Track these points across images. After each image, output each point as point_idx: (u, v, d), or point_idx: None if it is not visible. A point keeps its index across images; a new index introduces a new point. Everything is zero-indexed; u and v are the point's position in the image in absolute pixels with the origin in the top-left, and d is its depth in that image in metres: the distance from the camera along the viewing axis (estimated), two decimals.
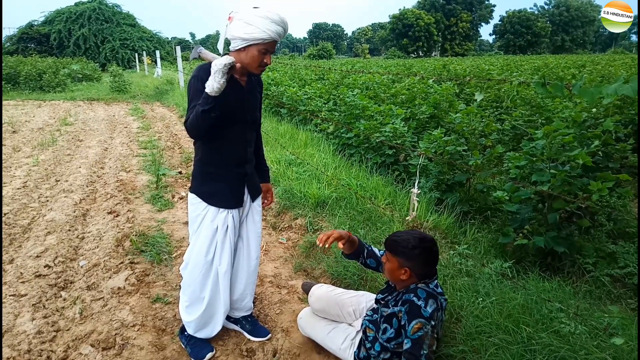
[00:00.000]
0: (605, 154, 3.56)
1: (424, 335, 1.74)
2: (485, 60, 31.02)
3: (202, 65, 1.89)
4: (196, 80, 1.84)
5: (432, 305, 1.80)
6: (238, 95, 1.96)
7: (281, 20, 1.79)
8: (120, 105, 13.04)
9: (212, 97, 1.73)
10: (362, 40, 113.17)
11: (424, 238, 1.89)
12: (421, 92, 7.23)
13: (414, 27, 72.58)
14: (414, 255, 1.85)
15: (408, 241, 1.86)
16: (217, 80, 1.69)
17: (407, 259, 1.86)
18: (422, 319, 1.76)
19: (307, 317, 2.31)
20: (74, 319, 2.54)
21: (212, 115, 1.76)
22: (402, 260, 1.87)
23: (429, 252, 1.88)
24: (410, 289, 1.88)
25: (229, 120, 1.94)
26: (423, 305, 1.79)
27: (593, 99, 1.61)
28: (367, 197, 3.93)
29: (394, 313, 1.87)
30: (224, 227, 2.07)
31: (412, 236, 1.89)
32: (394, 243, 1.90)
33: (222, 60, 1.69)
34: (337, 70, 9.80)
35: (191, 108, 1.83)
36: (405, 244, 1.86)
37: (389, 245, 1.93)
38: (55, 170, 5.70)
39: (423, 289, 1.85)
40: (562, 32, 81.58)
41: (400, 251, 1.87)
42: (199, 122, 1.78)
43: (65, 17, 31.52)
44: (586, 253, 2.95)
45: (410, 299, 1.82)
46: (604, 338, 1.95)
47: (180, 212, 4.22)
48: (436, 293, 1.87)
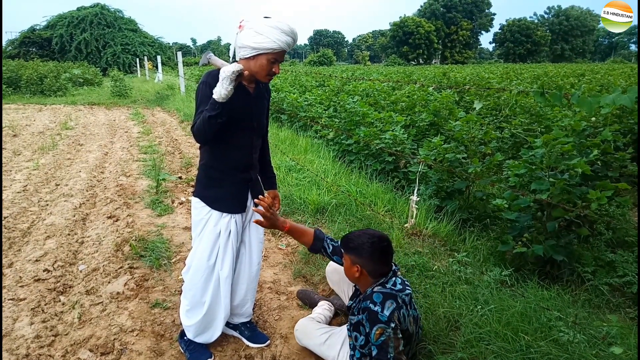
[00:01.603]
0: (604, 162, 3.58)
1: (386, 340, 1.78)
2: (485, 68, 31.15)
3: (211, 72, 1.91)
4: (205, 86, 1.87)
5: (390, 307, 1.83)
6: (245, 101, 1.98)
7: (291, 31, 1.81)
8: (121, 109, 13.07)
9: (219, 103, 1.75)
10: (363, 47, 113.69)
11: (374, 235, 1.94)
12: (421, 100, 7.26)
13: (415, 34, 72.97)
14: (363, 252, 1.90)
15: (359, 237, 1.92)
16: (224, 87, 1.72)
17: (358, 255, 1.91)
18: (380, 324, 1.79)
19: (302, 327, 2.31)
20: (73, 324, 2.53)
21: (218, 121, 1.79)
22: (353, 257, 1.93)
23: (379, 249, 1.91)
24: (367, 295, 1.91)
25: (235, 126, 1.96)
26: (380, 309, 1.82)
27: (591, 109, 1.63)
28: (367, 203, 3.93)
29: (359, 321, 1.90)
30: (226, 232, 2.08)
31: (364, 233, 1.94)
32: (346, 240, 1.95)
33: (230, 68, 1.72)
34: (338, 77, 9.83)
35: (198, 113, 1.86)
36: (356, 240, 1.92)
37: (342, 243, 1.98)
38: (56, 174, 5.71)
39: (379, 292, 1.87)
40: (561, 41, 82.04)
41: (351, 248, 1.92)
42: (205, 128, 1.81)
43: (67, 21, 31.69)
44: (585, 262, 2.96)
45: (367, 306, 1.85)
46: (602, 347, 1.95)
47: (179, 217, 4.23)
48: (394, 292, 1.89)
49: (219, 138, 1.94)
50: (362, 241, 1.90)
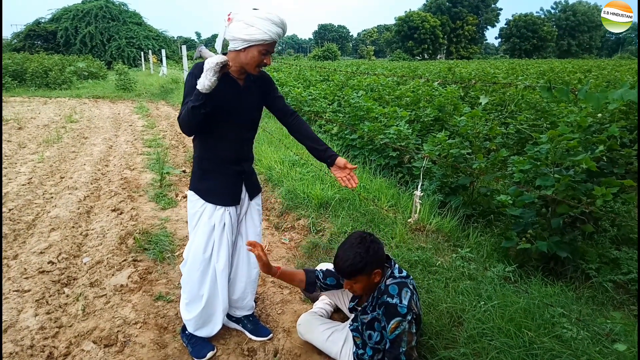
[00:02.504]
0: (610, 159, 3.55)
1: (401, 333, 1.78)
2: (491, 63, 30.97)
3: (198, 63, 1.91)
4: (191, 77, 1.87)
5: (406, 296, 1.83)
6: (235, 94, 1.98)
7: (281, 22, 1.81)
8: (126, 103, 13.09)
9: (203, 94, 1.75)
10: (368, 42, 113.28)
11: (360, 237, 1.88)
12: (426, 95, 7.22)
13: (420, 29, 72.53)
14: (371, 257, 1.83)
15: (358, 254, 1.82)
16: (208, 78, 1.72)
17: (369, 265, 1.83)
18: (398, 317, 1.79)
19: (305, 322, 2.31)
20: (77, 316, 2.55)
21: (201, 112, 1.79)
22: (368, 270, 1.84)
23: (374, 242, 1.87)
24: (381, 290, 1.89)
25: (223, 118, 1.96)
26: (398, 301, 1.81)
27: (599, 105, 1.61)
28: (370, 198, 3.93)
29: (375, 318, 1.89)
30: (220, 225, 2.08)
31: (353, 248, 1.84)
32: (351, 268, 1.83)
33: (214, 59, 1.71)
34: (342, 71, 9.80)
35: (184, 104, 1.86)
36: (359, 258, 1.81)
37: (347, 274, 1.85)
38: (60, 167, 5.73)
39: (393, 284, 1.87)
40: (568, 36, 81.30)
41: (360, 269, 1.82)
42: (189, 118, 1.81)
43: (72, 14, 31.75)
44: (589, 258, 2.94)
45: (385, 301, 1.84)
46: (606, 344, 1.94)
47: (183, 210, 4.23)
48: (404, 279, 1.90)
49: (206, 129, 1.95)
50: (363, 253, 1.82)
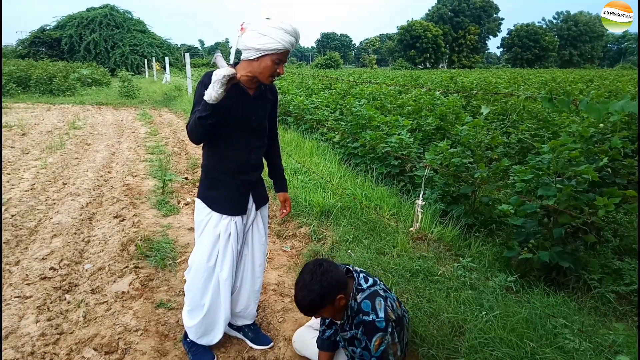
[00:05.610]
0: (612, 169, 3.54)
1: (386, 348, 1.77)
2: (493, 72, 31.04)
3: (209, 72, 1.92)
4: (201, 86, 1.88)
5: (381, 307, 1.80)
6: (244, 103, 1.98)
7: (294, 31, 1.82)
8: (129, 110, 13.16)
9: (209, 105, 1.76)
10: (370, 51, 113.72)
11: (310, 271, 1.82)
12: (428, 104, 7.25)
13: (422, 38, 72.87)
14: (326, 289, 1.78)
15: (312, 292, 1.78)
16: (215, 89, 1.72)
17: (329, 296, 1.79)
18: (379, 332, 1.76)
19: (300, 339, 2.31)
20: (78, 322, 2.55)
21: (208, 122, 1.80)
22: (329, 300, 1.80)
23: (326, 272, 1.80)
24: (354, 309, 1.84)
25: (232, 128, 1.96)
26: (374, 316, 1.77)
27: (599, 116, 1.61)
28: (372, 207, 3.93)
29: (353, 336, 1.87)
30: (226, 234, 2.08)
31: (307, 285, 1.79)
32: (310, 305, 1.80)
33: (221, 72, 1.72)
34: (344, 80, 9.84)
35: (193, 112, 1.88)
36: (314, 295, 1.78)
37: (310, 312, 1.85)
38: (63, 173, 5.75)
39: (364, 299, 1.82)
40: (570, 46, 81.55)
41: (319, 303, 1.79)
42: (197, 127, 1.83)
43: (77, 22, 31.99)
44: (591, 269, 2.93)
45: (362, 320, 1.80)
46: (609, 355, 1.93)
47: (185, 217, 4.24)
48: (372, 288, 1.86)
49: (217, 139, 1.95)
50: (318, 284, 1.77)
